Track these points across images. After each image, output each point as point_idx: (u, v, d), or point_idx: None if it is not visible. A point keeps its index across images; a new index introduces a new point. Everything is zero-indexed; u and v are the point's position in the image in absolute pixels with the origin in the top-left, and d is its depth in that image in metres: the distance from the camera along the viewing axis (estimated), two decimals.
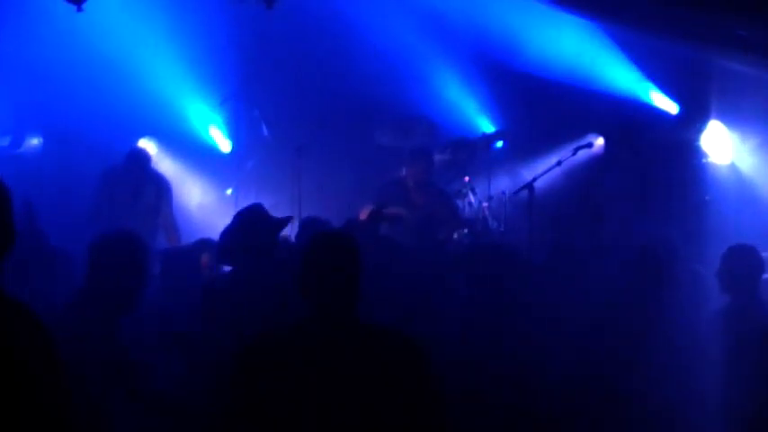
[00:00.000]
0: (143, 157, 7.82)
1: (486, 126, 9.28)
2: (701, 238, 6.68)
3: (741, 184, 8.38)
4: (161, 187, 7.81)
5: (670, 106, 9.01)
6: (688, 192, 8.14)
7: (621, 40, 8.61)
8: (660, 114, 8.98)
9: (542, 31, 8.77)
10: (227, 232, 4.52)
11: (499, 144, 8.77)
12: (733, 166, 8.51)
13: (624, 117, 8.82)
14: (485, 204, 8.19)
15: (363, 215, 7.54)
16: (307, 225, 5.73)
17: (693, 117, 8.69)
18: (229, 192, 9.06)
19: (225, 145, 9.35)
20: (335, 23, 8.91)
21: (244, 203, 8.54)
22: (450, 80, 9.35)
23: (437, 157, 8.22)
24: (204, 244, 5.60)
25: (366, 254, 3.07)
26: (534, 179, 7.16)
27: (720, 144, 8.55)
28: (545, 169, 7.40)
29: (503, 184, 8.59)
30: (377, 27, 8.94)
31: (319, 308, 2.93)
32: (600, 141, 8.73)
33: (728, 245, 4.96)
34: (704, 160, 8.57)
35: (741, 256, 4.78)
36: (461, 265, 4.79)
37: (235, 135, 9.24)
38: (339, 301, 2.93)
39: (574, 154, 7.44)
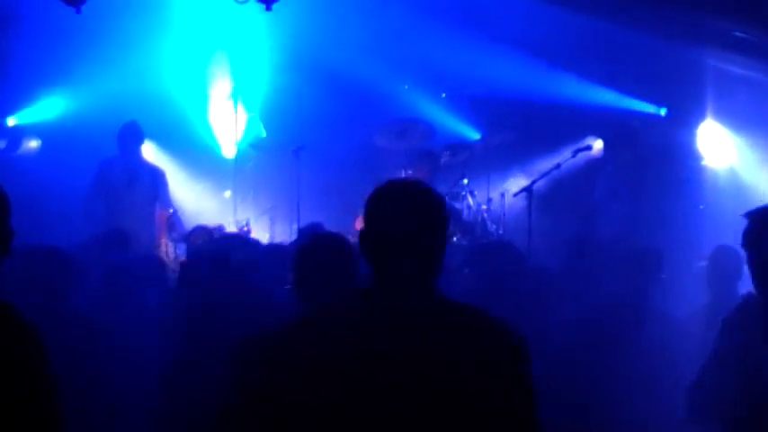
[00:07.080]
0: (135, 132, 7.71)
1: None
2: (696, 241, 6.69)
3: (738, 186, 8.36)
4: (156, 174, 7.85)
5: (656, 110, 8.98)
6: (682, 195, 8.10)
7: (613, 40, 8.56)
8: (651, 118, 8.96)
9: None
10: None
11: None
12: (731, 170, 8.49)
13: (620, 120, 8.80)
14: (483, 207, 8.17)
15: (359, 224, 7.53)
16: (306, 232, 5.73)
17: (687, 119, 8.66)
18: (228, 194, 9.04)
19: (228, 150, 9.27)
20: (332, 24, 8.88)
21: (242, 206, 8.62)
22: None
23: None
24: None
25: None
26: (534, 182, 7.11)
27: (718, 147, 8.54)
28: (544, 172, 7.35)
29: (501, 186, 8.57)
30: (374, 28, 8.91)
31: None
32: (599, 144, 8.70)
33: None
34: (701, 163, 8.55)
35: (727, 255, 4.89)
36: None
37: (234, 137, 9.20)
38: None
39: (573, 156, 7.38)
